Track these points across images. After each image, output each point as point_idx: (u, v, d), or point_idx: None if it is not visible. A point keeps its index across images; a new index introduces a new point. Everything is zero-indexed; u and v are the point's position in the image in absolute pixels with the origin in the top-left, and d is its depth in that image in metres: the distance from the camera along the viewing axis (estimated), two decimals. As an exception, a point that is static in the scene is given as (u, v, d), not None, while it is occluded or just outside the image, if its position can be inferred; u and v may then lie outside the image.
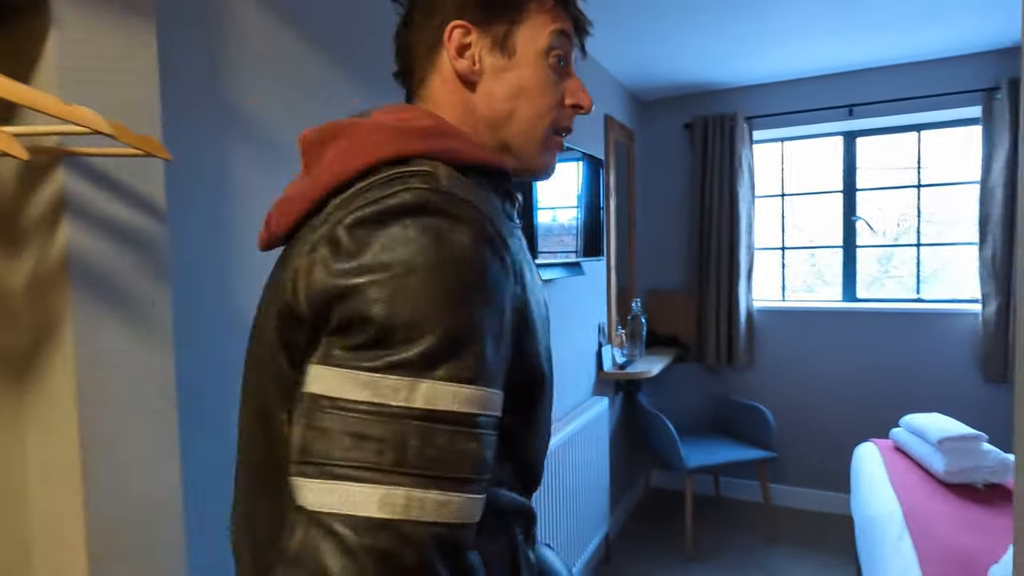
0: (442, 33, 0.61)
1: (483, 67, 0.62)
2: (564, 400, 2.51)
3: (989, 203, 2.95)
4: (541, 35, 0.62)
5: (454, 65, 0.62)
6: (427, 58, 0.63)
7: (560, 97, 0.64)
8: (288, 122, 1.23)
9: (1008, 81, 2.85)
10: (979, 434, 2.15)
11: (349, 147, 0.53)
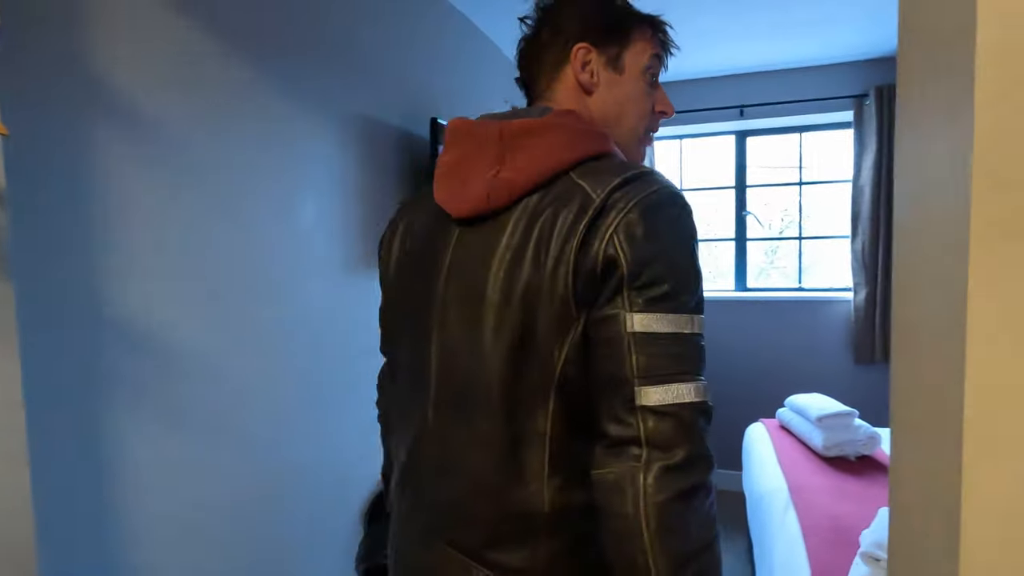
0: (569, 51, 0.78)
1: (599, 80, 0.78)
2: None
3: (860, 201, 3.24)
4: (642, 57, 0.80)
5: (578, 77, 0.78)
6: (555, 69, 0.79)
7: (652, 105, 0.82)
8: (157, 104, 1.11)
9: (876, 88, 3.12)
10: (852, 410, 2.36)
11: (561, 143, 0.69)
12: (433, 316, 0.73)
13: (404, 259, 0.80)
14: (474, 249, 0.71)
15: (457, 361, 0.70)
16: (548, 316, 0.65)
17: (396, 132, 1.87)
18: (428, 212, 0.79)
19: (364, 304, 1.69)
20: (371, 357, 1.77)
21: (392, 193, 1.84)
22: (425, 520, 0.74)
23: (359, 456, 1.65)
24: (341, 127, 1.59)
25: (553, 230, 0.65)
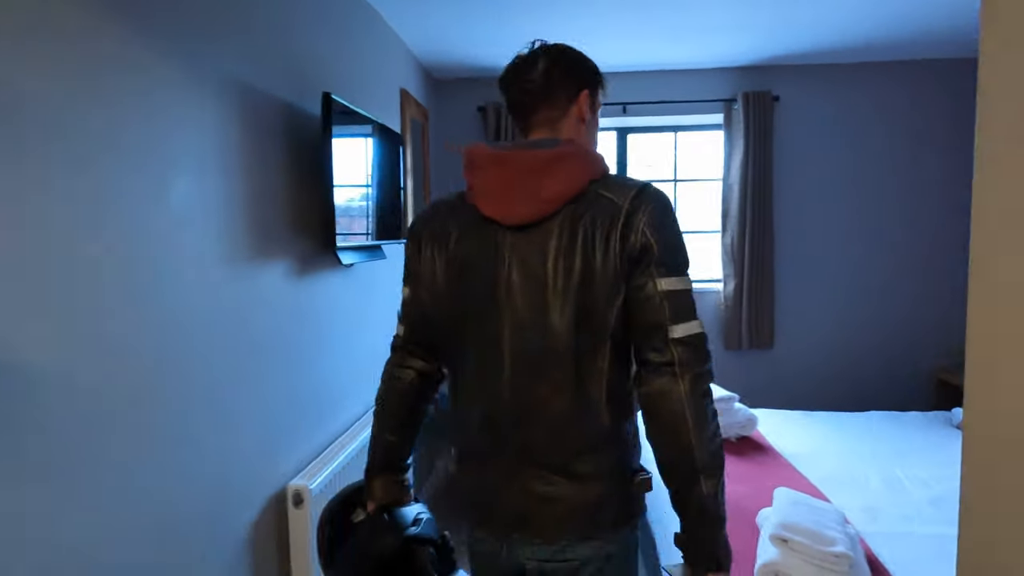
0: (578, 93, 1.07)
1: (588, 116, 1.09)
2: (369, 391, 2.31)
3: (729, 198, 3.48)
4: (600, 100, 1.12)
5: (582, 114, 1.08)
6: (566, 105, 1.06)
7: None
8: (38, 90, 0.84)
9: (743, 94, 3.36)
10: (732, 395, 2.51)
11: (583, 166, 0.99)
12: (501, 302, 0.99)
13: (459, 262, 1.03)
14: (529, 248, 0.98)
15: (528, 334, 0.98)
16: (603, 290, 0.95)
17: (283, 106, 1.65)
18: (468, 221, 1.04)
19: (254, 300, 1.47)
20: (263, 355, 1.56)
21: (282, 175, 1.62)
22: (512, 452, 1.01)
23: (259, 468, 1.43)
24: (220, 96, 1.35)
25: (595, 230, 0.95)
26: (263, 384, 1.53)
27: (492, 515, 1.05)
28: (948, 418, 2.77)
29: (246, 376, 1.46)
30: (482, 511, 1.07)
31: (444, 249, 1.05)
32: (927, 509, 1.86)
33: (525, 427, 0.99)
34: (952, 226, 3.44)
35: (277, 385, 1.60)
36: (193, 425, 1.27)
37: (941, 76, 3.37)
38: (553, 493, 0.99)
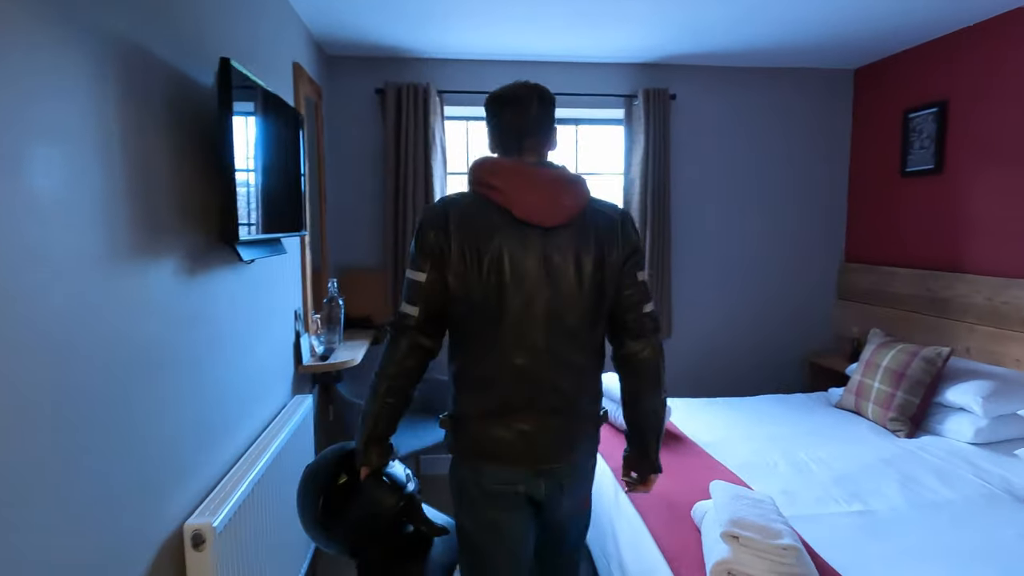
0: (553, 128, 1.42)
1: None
2: (266, 405, 2.04)
3: (631, 192, 3.54)
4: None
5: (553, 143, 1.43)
6: (550, 137, 1.41)
7: None
8: None
9: (644, 91, 3.43)
10: (648, 388, 2.54)
11: (585, 189, 1.36)
12: (540, 285, 1.29)
13: (500, 254, 1.28)
14: (557, 245, 1.30)
15: (563, 309, 1.31)
16: (613, 278, 1.34)
17: (172, 73, 1.36)
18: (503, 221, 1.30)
19: (137, 305, 1.19)
20: (148, 371, 1.27)
21: (172, 155, 1.34)
22: (546, 398, 1.33)
23: (146, 508, 1.17)
24: (95, 56, 1.06)
25: (602, 233, 1.34)
26: (148, 406, 1.26)
27: (526, 453, 1.33)
28: (827, 398, 3.02)
29: (127, 399, 1.19)
30: (512, 448, 1.33)
31: (484, 243, 1.29)
32: (834, 489, 1.99)
33: (557, 374, 1.33)
34: (824, 224, 3.77)
35: (165, 406, 1.33)
36: (60, 464, 1.00)
37: (823, 84, 3.66)
38: (576, 427, 1.38)
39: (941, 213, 3.04)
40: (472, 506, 1.37)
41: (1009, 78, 2.67)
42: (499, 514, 1.36)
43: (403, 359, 1.34)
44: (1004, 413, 2.33)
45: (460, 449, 1.37)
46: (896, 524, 1.77)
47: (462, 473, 1.38)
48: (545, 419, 1.33)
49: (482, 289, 1.29)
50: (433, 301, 1.32)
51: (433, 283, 1.31)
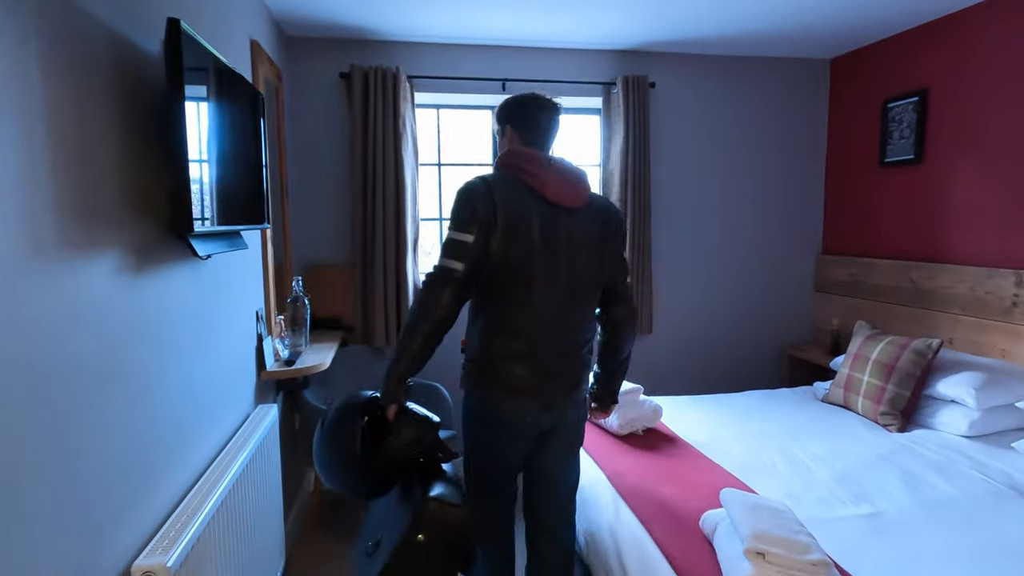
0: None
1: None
2: (227, 418, 1.83)
3: (610, 183, 3.42)
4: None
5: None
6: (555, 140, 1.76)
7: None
8: None
9: (623, 78, 3.30)
10: (638, 386, 2.43)
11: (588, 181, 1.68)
12: (570, 255, 1.62)
13: (540, 227, 1.59)
14: (578, 223, 1.64)
15: (586, 278, 1.65)
16: (611, 253, 1.70)
17: (111, 37, 1.15)
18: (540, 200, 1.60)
19: (69, 309, 0.99)
20: (84, 387, 1.06)
21: (111, 134, 1.13)
22: (560, 346, 1.64)
23: (86, 551, 0.96)
24: (15, 13, 0.86)
25: (604, 216, 1.69)
26: (85, 429, 1.06)
27: (540, 390, 1.63)
28: (812, 393, 2.97)
29: (58, 422, 0.99)
30: (531, 386, 1.62)
31: (524, 216, 1.57)
32: (837, 489, 1.91)
33: (569, 330, 1.65)
34: (801, 216, 3.73)
35: (107, 428, 1.13)
36: (-22, 518, 0.80)
37: (799, 74, 3.61)
38: (577, 371, 1.69)
39: (922, 203, 3.02)
40: (487, 432, 1.67)
41: (990, 66, 2.65)
42: (508, 440, 1.67)
43: (448, 304, 1.55)
44: (997, 405, 2.29)
45: (486, 384, 1.64)
46: (906, 525, 1.70)
47: (483, 406, 1.66)
48: (558, 363, 1.64)
49: (520, 254, 1.57)
50: (475, 260, 1.57)
51: (479, 244, 1.55)
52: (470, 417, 1.69)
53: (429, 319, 1.55)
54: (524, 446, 1.68)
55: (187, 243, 1.38)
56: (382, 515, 1.71)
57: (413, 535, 1.50)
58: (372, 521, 1.76)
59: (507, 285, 1.59)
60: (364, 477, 1.60)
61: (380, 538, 1.64)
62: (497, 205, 1.56)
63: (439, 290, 1.55)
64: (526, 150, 1.65)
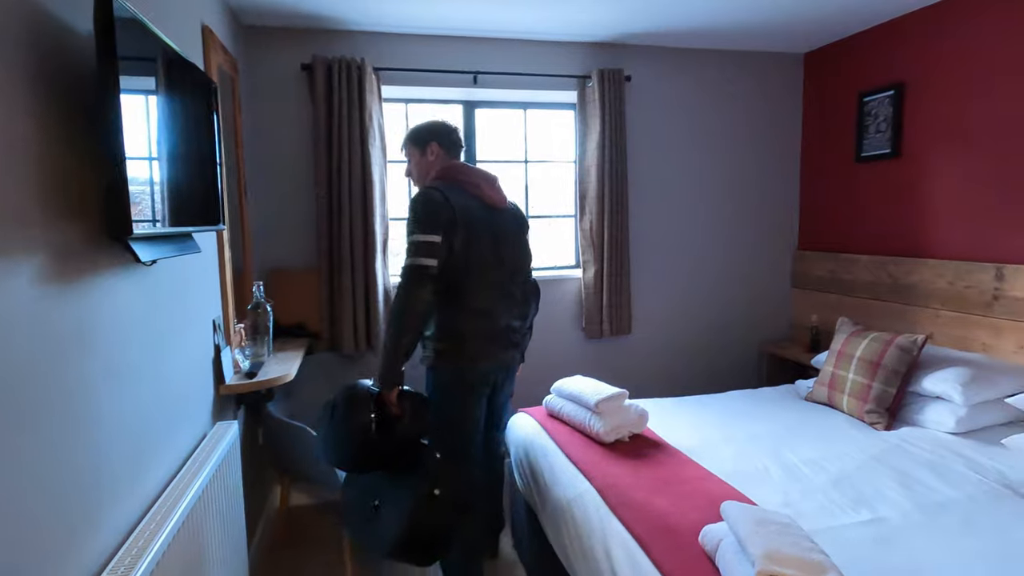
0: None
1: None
2: (182, 438, 1.66)
3: (587, 180, 3.32)
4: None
5: None
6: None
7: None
8: None
9: (598, 71, 3.21)
10: (623, 391, 2.32)
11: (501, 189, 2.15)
12: (506, 246, 2.07)
13: (480, 222, 1.99)
14: (506, 219, 2.12)
15: (516, 264, 2.12)
16: (526, 244, 2.21)
17: (29, 10, 0.98)
18: (481, 206, 2.04)
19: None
20: (8, 415, 0.89)
21: (30, 122, 0.96)
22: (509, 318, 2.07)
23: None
24: None
25: (520, 215, 2.22)
26: (7, 466, 0.90)
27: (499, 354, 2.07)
28: (795, 391, 2.92)
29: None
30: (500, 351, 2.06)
31: (476, 218, 1.97)
32: (835, 495, 1.83)
33: (514, 304, 2.10)
34: (777, 211, 3.69)
35: (35, 463, 0.96)
36: None
37: (773, 68, 3.57)
38: (519, 336, 2.16)
39: (900, 197, 3.00)
40: (461, 396, 2.04)
41: (966, 58, 2.63)
42: (475, 401, 2.07)
43: (428, 298, 1.88)
44: (983, 400, 2.26)
45: (459, 358, 1.99)
46: (909, 532, 1.63)
47: (456, 376, 2.02)
48: (508, 332, 2.09)
49: (476, 249, 1.96)
50: (442, 257, 1.89)
51: (444, 244, 1.89)
52: (443, 388, 2.03)
53: (415, 312, 1.86)
54: (482, 406, 2.11)
55: (127, 247, 1.21)
56: (370, 486, 1.98)
57: (430, 490, 1.82)
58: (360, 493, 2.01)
59: (468, 275, 1.96)
60: (374, 453, 1.90)
61: (378, 503, 1.91)
62: (454, 209, 1.92)
63: (419, 286, 1.86)
64: (460, 163, 2.10)
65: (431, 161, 2.13)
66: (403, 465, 1.92)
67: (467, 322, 1.98)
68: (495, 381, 2.13)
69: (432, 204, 1.90)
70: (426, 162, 2.14)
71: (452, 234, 1.90)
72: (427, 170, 2.15)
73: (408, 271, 1.86)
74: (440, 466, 1.90)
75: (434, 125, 2.15)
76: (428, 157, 2.13)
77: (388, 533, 1.83)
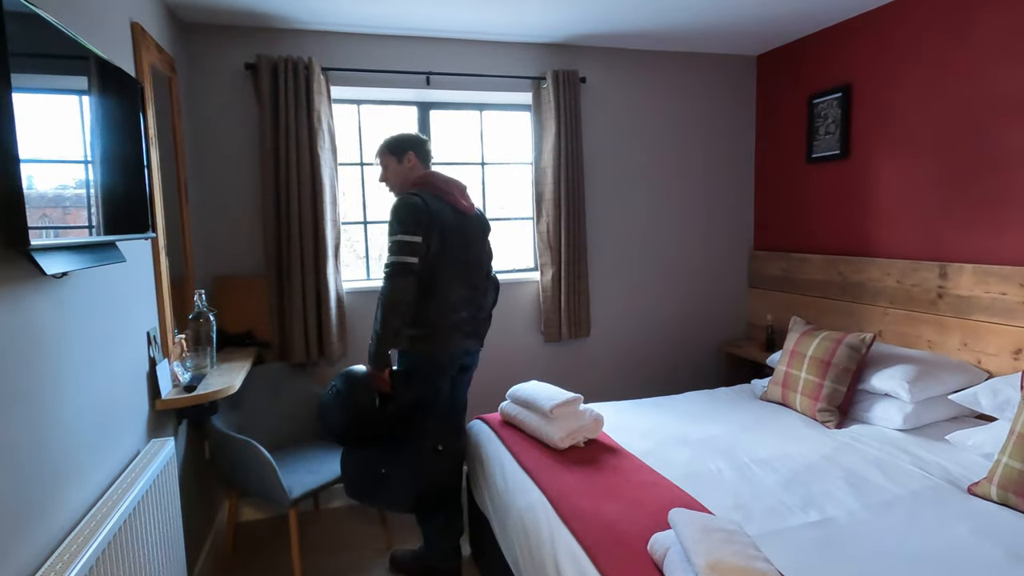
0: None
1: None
2: (106, 461, 1.56)
3: (543, 182, 3.29)
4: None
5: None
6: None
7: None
8: None
9: (553, 72, 3.18)
10: (578, 396, 2.30)
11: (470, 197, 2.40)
12: (473, 248, 2.34)
13: (452, 226, 2.22)
14: (474, 224, 2.37)
15: (481, 263, 2.39)
16: (489, 246, 2.46)
17: None
18: (453, 210, 2.27)
19: None
20: None
21: None
22: (476, 310, 2.36)
23: None
24: None
25: (484, 220, 2.45)
26: None
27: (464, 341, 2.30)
28: (751, 391, 2.94)
29: None
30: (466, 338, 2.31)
31: (449, 222, 2.21)
32: (785, 496, 1.83)
33: (480, 298, 2.37)
34: (733, 212, 3.72)
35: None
36: None
37: (727, 71, 3.60)
38: (483, 326, 2.42)
39: (849, 198, 3.05)
40: (433, 378, 2.28)
41: (911, 60, 2.69)
42: (446, 379, 2.32)
43: (411, 291, 2.11)
44: (929, 397, 2.31)
45: (434, 344, 2.23)
46: (855, 531, 1.63)
47: (429, 361, 2.25)
48: (475, 323, 2.35)
49: (450, 249, 2.20)
50: (423, 256, 2.13)
51: (424, 243, 2.12)
52: (415, 370, 2.25)
53: (402, 302, 2.09)
54: (449, 383, 2.36)
55: (28, 258, 1.12)
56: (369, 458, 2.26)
57: (435, 446, 2.24)
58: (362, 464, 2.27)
59: (440, 273, 2.19)
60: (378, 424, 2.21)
61: (383, 470, 2.21)
62: (432, 214, 2.15)
63: (404, 280, 2.09)
64: (437, 173, 2.32)
65: (408, 168, 2.32)
66: (401, 432, 2.23)
67: (438, 314, 2.20)
68: (461, 363, 2.36)
69: (414, 209, 2.12)
70: (403, 170, 2.32)
71: (429, 236, 2.13)
72: (404, 177, 2.32)
73: (392, 266, 2.09)
74: (438, 426, 2.29)
75: (411, 137, 2.34)
76: (405, 165, 2.32)
77: (404, 490, 2.20)
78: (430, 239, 2.13)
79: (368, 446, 2.27)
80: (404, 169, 2.32)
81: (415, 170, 2.32)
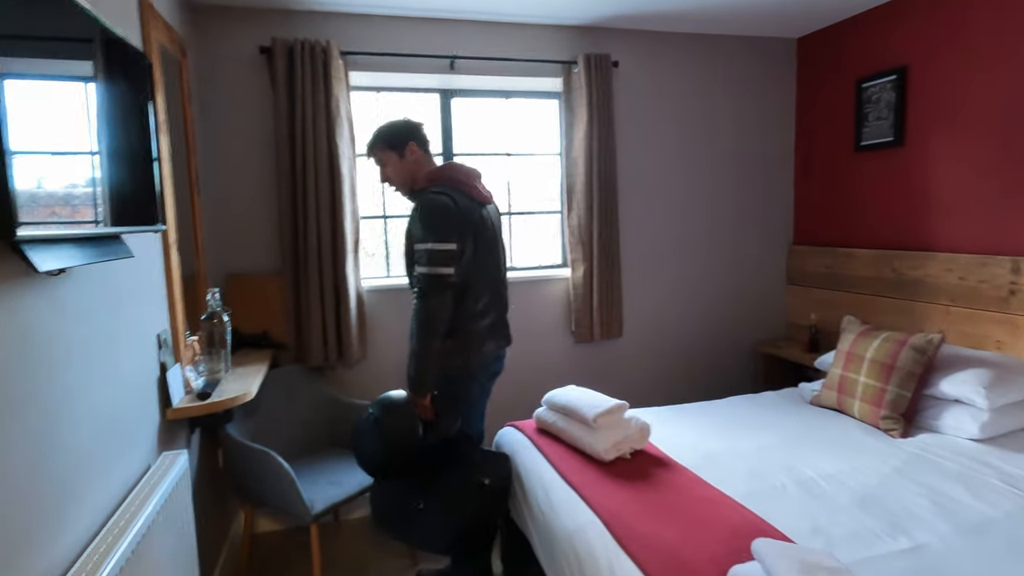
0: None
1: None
2: (114, 478, 1.39)
3: (573, 173, 3.10)
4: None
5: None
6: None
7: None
8: None
9: (584, 56, 2.99)
10: (623, 403, 2.12)
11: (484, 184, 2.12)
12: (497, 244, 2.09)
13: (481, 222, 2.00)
14: (493, 214, 2.12)
15: (503, 260, 2.14)
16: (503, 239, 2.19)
17: None
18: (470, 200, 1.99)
19: None
20: None
21: None
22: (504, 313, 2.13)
23: None
24: None
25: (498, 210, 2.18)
26: None
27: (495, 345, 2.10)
28: (799, 395, 2.74)
29: None
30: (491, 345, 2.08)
31: (477, 219, 1.99)
32: (864, 518, 1.64)
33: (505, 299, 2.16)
34: (771, 204, 3.52)
35: None
36: None
37: (765, 54, 3.39)
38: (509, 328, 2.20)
39: (904, 188, 2.85)
40: (472, 379, 2.06)
41: (974, 40, 2.48)
42: (477, 387, 2.12)
43: (449, 304, 1.88)
44: (1008, 403, 2.11)
45: (472, 348, 2.00)
46: (951, 560, 1.44)
47: (464, 369, 2.01)
48: (503, 326, 2.15)
49: (481, 252, 1.98)
50: (460, 263, 1.89)
51: (460, 250, 1.88)
52: (447, 378, 1.99)
53: (440, 320, 1.87)
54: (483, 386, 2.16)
55: (18, 252, 0.95)
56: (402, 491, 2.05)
57: (480, 480, 2.02)
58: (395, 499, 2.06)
59: (473, 278, 1.96)
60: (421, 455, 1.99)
61: (420, 505, 2.00)
62: (463, 214, 1.92)
63: (440, 295, 1.86)
64: (452, 163, 2.10)
65: (413, 162, 2.03)
66: (442, 463, 2.04)
67: (470, 321, 1.99)
68: (493, 370, 2.15)
69: (444, 211, 1.87)
70: (408, 164, 2.03)
71: (464, 241, 1.90)
72: (410, 173, 2.04)
73: (427, 280, 1.85)
74: (483, 456, 2.13)
75: (406, 123, 2.05)
76: (409, 159, 2.02)
77: (441, 528, 1.97)
78: (464, 244, 1.90)
79: (407, 479, 2.06)
80: (408, 163, 2.02)
81: (422, 162, 2.04)
